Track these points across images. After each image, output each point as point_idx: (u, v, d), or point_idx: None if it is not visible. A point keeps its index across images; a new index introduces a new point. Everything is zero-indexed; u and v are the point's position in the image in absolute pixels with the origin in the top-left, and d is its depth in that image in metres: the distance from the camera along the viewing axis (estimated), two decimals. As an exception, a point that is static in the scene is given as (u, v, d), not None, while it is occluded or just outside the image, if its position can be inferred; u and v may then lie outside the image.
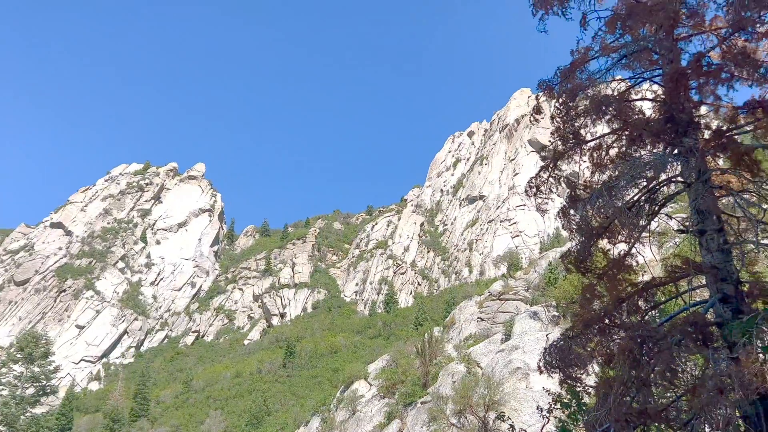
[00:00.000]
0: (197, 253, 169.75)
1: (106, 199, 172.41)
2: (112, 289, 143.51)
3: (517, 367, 33.24)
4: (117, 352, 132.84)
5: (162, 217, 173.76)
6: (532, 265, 70.43)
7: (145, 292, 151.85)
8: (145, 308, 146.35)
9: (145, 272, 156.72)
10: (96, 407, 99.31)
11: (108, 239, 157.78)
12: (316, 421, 52.06)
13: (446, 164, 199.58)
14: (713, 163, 9.52)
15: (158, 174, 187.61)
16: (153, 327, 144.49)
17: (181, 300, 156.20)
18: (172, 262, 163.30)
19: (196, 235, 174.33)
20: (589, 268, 10.79)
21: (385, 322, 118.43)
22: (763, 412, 7.92)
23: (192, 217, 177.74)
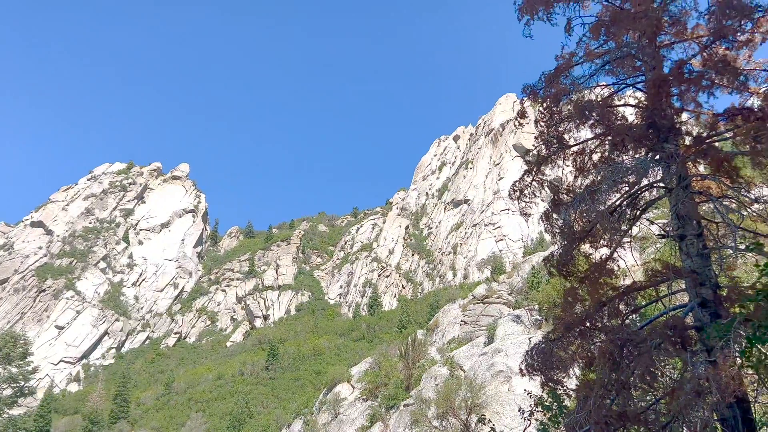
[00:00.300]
0: (180, 253, 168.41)
1: (88, 198, 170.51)
2: (93, 290, 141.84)
3: (499, 371, 33.36)
4: (97, 353, 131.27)
5: (145, 217, 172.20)
6: (515, 269, 70.78)
7: (127, 293, 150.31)
8: (126, 309, 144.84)
9: (127, 273, 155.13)
10: (75, 409, 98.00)
11: (90, 239, 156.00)
12: (299, 423, 51.84)
13: (432, 168, 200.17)
14: (694, 169, 9.64)
15: (142, 174, 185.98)
16: (134, 328, 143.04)
17: (164, 301, 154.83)
18: (155, 262, 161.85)
19: (179, 235, 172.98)
20: (571, 271, 10.87)
21: (369, 324, 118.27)
22: (740, 416, 8.02)
23: (175, 217, 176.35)
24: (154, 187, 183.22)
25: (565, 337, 9.97)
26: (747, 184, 8.53)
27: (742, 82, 8.66)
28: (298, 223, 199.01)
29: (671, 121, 9.27)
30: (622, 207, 10.35)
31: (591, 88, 10.68)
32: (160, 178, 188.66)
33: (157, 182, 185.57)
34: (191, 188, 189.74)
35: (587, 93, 11.25)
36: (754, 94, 9.43)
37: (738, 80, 8.67)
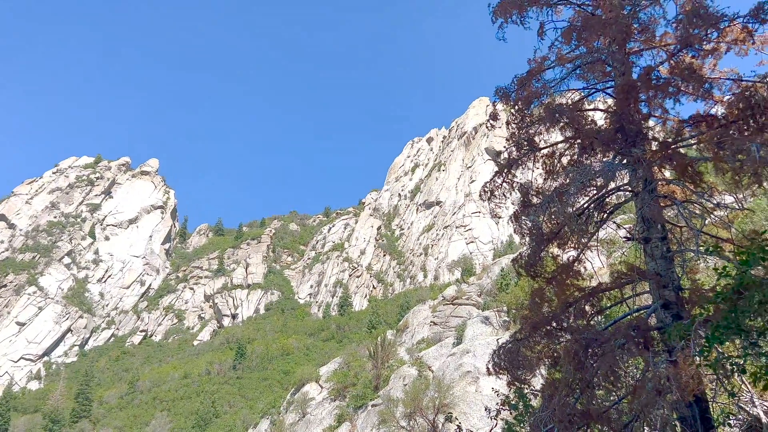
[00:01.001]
0: (148, 250, 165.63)
1: (53, 192, 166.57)
2: (57, 285, 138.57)
3: (467, 371, 33.59)
4: (59, 350, 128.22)
5: (112, 212, 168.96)
6: (485, 270, 71.40)
7: (92, 290, 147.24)
8: (91, 306, 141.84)
9: (93, 269, 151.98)
10: (35, 407, 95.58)
11: (54, 234, 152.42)
12: (265, 423, 51.42)
13: (405, 169, 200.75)
14: (659, 173, 9.86)
15: (110, 168, 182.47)
16: (99, 325, 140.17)
17: (130, 298, 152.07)
18: (121, 259, 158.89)
19: (147, 232, 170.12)
20: (538, 272, 11.00)
21: (338, 324, 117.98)
22: (699, 414, 8.22)
23: (143, 213, 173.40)
24: (122, 182, 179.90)
25: (532, 337, 10.10)
26: (710, 189, 8.76)
27: (707, 90, 8.89)
28: (269, 222, 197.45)
29: (639, 126, 9.47)
30: (590, 210, 10.52)
31: (562, 92, 10.83)
32: (129, 173, 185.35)
33: (126, 177, 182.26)
34: (160, 184, 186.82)
35: (558, 97, 11.42)
36: (719, 102, 9.69)
37: (703, 88, 8.89)
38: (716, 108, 9.59)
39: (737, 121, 8.27)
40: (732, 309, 5.88)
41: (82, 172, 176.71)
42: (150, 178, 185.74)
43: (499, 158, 12.34)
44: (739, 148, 7.37)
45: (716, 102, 9.61)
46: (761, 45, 9.37)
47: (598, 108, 10.90)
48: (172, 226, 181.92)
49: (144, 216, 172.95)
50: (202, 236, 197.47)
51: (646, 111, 9.92)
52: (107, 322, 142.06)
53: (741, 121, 8.23)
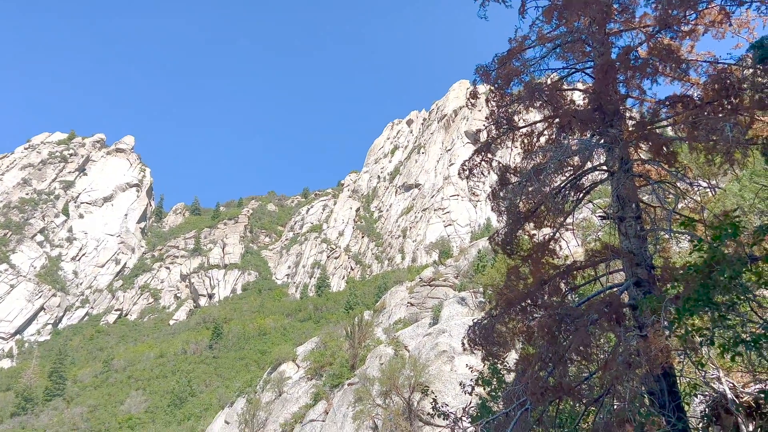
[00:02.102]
0: (123, 229, 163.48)
1: (25, 168, 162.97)
2: (29, 263, 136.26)
3: (443, 351, 33.96)
4: (32, 328, 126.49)
5: (86, 189, 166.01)
6: (462, 253, 71.94)
7: (65, 268, 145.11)
8: (64, 284, 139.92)
9: (66, 247, 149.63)
10: (7, 386, 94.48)
11: (26, 211, 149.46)
12: (241, 402, 51.45)
13: (384, 151, 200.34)
14: (635, 154, 9.98)
15: (84, 145, 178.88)
16: (72, 304, 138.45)
17: (104, 277, 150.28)
18: (96, 237, 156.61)
19: (123, 210, 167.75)
20: (514, 250, 11.12)
21: (316, 305, 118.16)
22: (667, 389, 8.44)
23: (118, 191, 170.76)
24: (96, 159, 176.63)
25: (507, 314, 10.23)
26: (684, 169, 8.90)
27: (683, 71, 8.99)
28: (246, 202, 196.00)
29: (616, 106, 9.55)
30: (566, 189, 10.63)
31: (542, 70, 10.86)
32: (104, 150, 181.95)
33: (100, 154, 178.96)
34: (136, 162, 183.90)
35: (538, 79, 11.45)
36: (695, 84, 9.81)
37: (680, 69, 8.99)
38: (692, 90, 9.72)
39: (712, 102, 8.39)
40: (703, 283, 6.02)
41: (55, 149, 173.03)
42: (125, 155, 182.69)
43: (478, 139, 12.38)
44: (713, 128, 7.49)
45: (692, 84, 9.73)
46: (738, 28, 9.48)
47: (577, 88, 10.97)
48: (147, 204, 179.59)
49: (119, 194, 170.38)
50: (179, 215, 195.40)
51: (624, 91, 10.01)
52: (81, 301, 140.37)
53: (716, 102, 8.35)
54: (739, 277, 5.84)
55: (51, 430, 74.51)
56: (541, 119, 10.92)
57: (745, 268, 5.87)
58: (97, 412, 79.63)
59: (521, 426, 8.44)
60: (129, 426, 73.42)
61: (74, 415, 78.37)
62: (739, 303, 6.13)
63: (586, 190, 10.71)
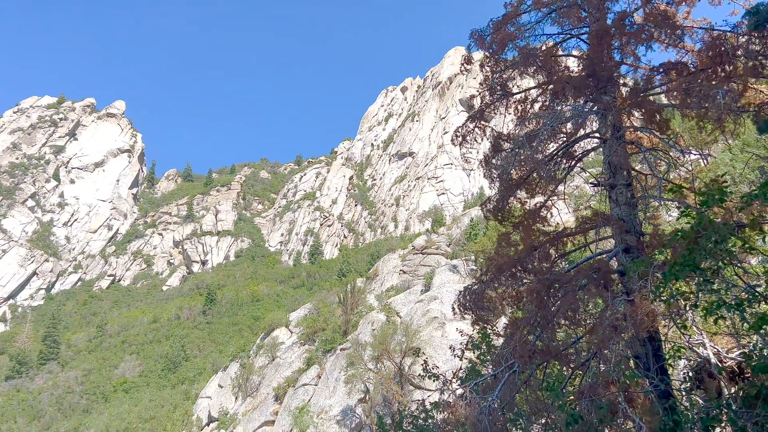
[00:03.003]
0: (115, 194, 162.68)
1: (14, 132, 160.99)
2: (21, 228, 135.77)
3: (434, 317, 34.39)
4: (25, 293, 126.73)
5: (77, 155, 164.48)
6: (455, 221, 72.23)
7: (57, 233, 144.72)
8: (56, 250, 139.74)
9: (58, 212, 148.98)
10: (1, 349, 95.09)
11: (16, 175, 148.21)
12: (235, 366, 52.08)
13: (378, 118, 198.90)
14: (628, 121, 9.98)
15: (74, 109, 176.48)
16: (65, 269, 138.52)
17: (97, 243, 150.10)
18: (88, 202, 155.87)
19: (114, 176, 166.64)
20: (506, 217, 11.18)
21: (309, 272, 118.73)
22: (652, 353, 8.62)
23: (110, 156, 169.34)
24: (87, 123, 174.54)
25: (497, 279, 10.34)
26: (676, 136, 8.92)
27: (679, 37, 8.93)
28: (239, 169, 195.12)
29: (610, 72, 9.51)
30: (558, 156, 10.64)
31: (536, 36, 10.76)
32: (94, 114, 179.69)
33: (91, 119, 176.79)
34: (127, 127, 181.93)
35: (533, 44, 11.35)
36: (690, 51, 9.76)
37: (675, 35, 8.94)
38: (687, 57, 9.67)
39: (706, 69, 8.37)
40: (689, 248, 6.11)
41: (45, 113, 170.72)
42: (116, 120, 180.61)
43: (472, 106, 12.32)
44: (705, 95, 7.49)
45: (687, 51, 9.67)
46: (734, -6, 9.40)
47: (572, 54, 10.89)
48: (139, 170, 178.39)
49: (110, 159, 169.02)
50: (171, 182, 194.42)
51: (619, 58, 9.96)
52: (74, 266, 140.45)
53: (710, 70, 8.33)
54: (724, 243, 5.93)
55: (46, 392, 75.33)
56: (535, 86, 10.87)
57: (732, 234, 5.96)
58: (92, 375, 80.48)
59: (509, 388, 8.63)
60: (124, 390, 74.32)
61: (69, 378, 79.20)
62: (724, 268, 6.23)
63: (578, 158, 10.73)
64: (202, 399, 52.07)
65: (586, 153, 10.57)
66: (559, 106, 9.96)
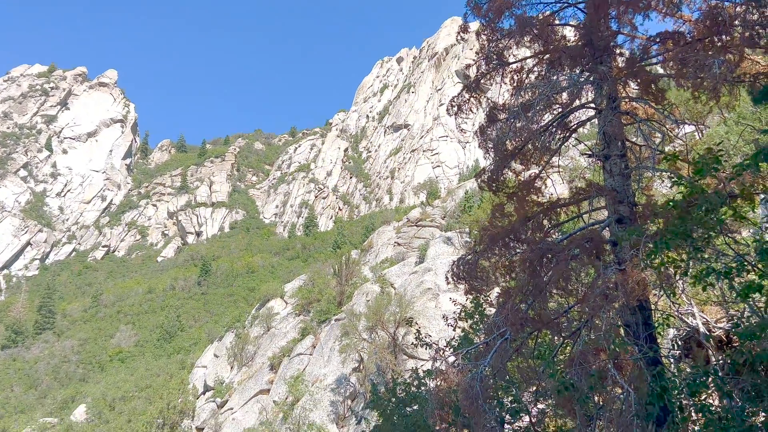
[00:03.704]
0: (108, 165, 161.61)
1: (5, 101, 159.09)
2: (14, 198, 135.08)
3: (428, 288, 34.66)
4: (20, 263, 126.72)
5: (69, 124, 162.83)
6: (449, 194, 72.29)
7: (51, 204, 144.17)
8: (50, 220, 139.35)
9: (51, 182, 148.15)
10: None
11: (8, 145, 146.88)
12: (230, 336, 52.51)
13: (373, 90, 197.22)
14: (624, 91, 9.94)
15: (65, 78, 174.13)
16: (59, 240, 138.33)
17: (91, 213, 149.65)
18: (81, 173, 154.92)
19: (107, 146, 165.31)
20: (500, 187, 11.19)
21: (304, 244, 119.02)
22: (642, 321, 8.74)
23: (102, 126, 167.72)
24: (78, 93, 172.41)
25: (490, 249, 10.40)
26: (671, 107, 8.91)
27: (676, 6, 8.85)
28: (233, 140, 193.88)
29: (607, 42, 9.44)
30: (554, 127, 10.62)
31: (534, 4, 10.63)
32: (86, 84, 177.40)
33: (82, 88, 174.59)
34: (119, 97, 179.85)
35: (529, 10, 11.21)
36: (687, 21, 9.68)
37: (673, 4, 8.85)
38: (684, 27, 9.60)
39: (703, 39, 8.32)
40: (681, 217, 6.15)
41: (36, 81, 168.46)
42: (108, 90, 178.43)
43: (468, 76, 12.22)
44: (701, 65, 7.47)
45: (685, 21, 9.59)
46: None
47: (569, 23, 10.79)
48: (132, 140, 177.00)
49: (103, 129, 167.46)
50: (164, 152, 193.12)
51: (616, 27, 9.87)
52: (68, 237, 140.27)
53: (706, 40, 8.28)
54: (715, 212, 5.97)
55: (42, 361, 75.92)
56: (532, 55, 10.78)
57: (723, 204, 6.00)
58: (88, 345, 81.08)
59: (500, 355, 8.76)
60: (119, 359, 74.98)
61: (65, 347, 79.79)
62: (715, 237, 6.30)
63: (573, 128, 10.71)
64: (198, 368, 52.60)
65: (582, 123, 10.55)
66: (555, 75, 9.90)
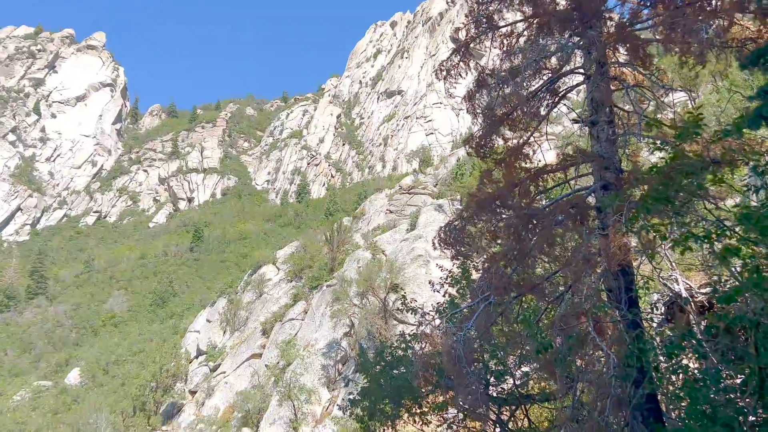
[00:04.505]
0: (98, 130, 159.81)
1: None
2: (3, 163, 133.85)
3: (419, 255, 34.89)
4: (10, 228, 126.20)
5: (57, 88, 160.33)
6: (442, 161, 72.19)
7: (41, 168, 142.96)
8: (40, 185, 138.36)
9: (40, 147, 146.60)
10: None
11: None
12: (223, 302, 52.91)
13: (366, 55, 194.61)
14: (613, 57, 9.87)
15: (52, 40, 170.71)
16: (50, 205, 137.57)
17: (81, 179, 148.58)
18: (71, 138, 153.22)
19: (97, 110, 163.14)
20: (488, 153, 11.18)
21: (296, 211, 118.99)
22: (624, 286, 8.85)
23: (91, 90, 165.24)
24: (66, 56, 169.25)
25: (478, 215, 10.44)
26: (660, 72, 8.87)
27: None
28: (224, 105, 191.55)
29: (597, 6, 9.32)
30: (543, 92, 10.56)
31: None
32: (74, 46, 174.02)
33: (70, 51, 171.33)
34: (108, 60, 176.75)
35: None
36: (679, -14, 9.56)
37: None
38: (676, -8, 9.48)
39: (693, 3, 8.22)
40: (662, 182, 6.18)
41: (22, 44, 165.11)
42: (97, 53, 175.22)
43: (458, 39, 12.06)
44: (689, 30, 7.40)
45: (677, -15, 9.48)
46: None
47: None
48: (122, 105, 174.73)
49: (92, 93, 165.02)
50: (155, 117, 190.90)
51: (607, -10, 9.74)
52: (59, 202, 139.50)
53: (697, 4, 8.19)
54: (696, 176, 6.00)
55: (36, 326, 76.32)
56: (522, 19, 10.65)
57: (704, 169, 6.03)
58: (80, 310, 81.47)
59: (484, 319, 8.88)
60: (112, 324, 75.49)
61: (58, 312, 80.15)
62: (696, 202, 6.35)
63: (562, 94, 10.66)
64: (191, 333, 53.09)
65: (571, 89, 10.50)
66: (544, 40, 9.81)
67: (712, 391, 6.30)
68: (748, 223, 5.28)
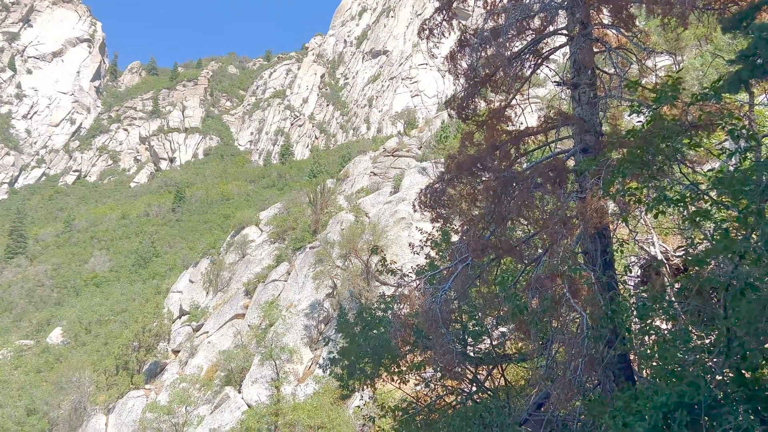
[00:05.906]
0: (76, 87, 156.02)
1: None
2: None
3: (401, 218, 34.97)
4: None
5: (33, 43, 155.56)
6: (427, 124, 71.76)
7: (17, 126, 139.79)
8: (17, 143, 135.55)
9: (16, 104, 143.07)
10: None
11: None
12: (205, 262, 52.82)
13: (351, 13, 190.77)
14: (597, 18, 9.74)
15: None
16: (28, 164, 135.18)
17: (59, 137, 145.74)
18: (47, 94, 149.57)
19: (74, 67, 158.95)
20: (470, 115, 11.08)
21: (279, 172, 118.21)
22: (600, 249, 8.94)
23: (68, 46, 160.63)
24: (41, 9, 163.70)
25: (458, 177, 10.42)
26: (642, 34, 8.78)
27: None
28: (206, 63, 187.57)
29: (582, -36, 9.16)
30: (525, 53, 10.43)
31: None
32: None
33: (45, 4, 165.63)
34: (85, 14, 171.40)
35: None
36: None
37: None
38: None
39: (679, -37, 8.10)
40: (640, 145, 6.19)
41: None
42: (73, 6, 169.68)
43: None
44: (673, -9, 7.31)
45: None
46: None
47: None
48: (101, 62, 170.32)
49: (69, 49, 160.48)
50: (135, 75, 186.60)
51: (593, -51, 9.55)
52: (37, 161, 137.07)
53: (682, -36, 8.07)
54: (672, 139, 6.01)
55: (16, 285, 75.82)
56: (506, -22, 10.43)
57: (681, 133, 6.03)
58: (61, 270, 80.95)
59: (462, 280, 8.95)
60: (94, 284, 75.21)
61: (38, 272, 79.59)
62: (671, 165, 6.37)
63: (545, 56, 10.55)
64: (173, 293, 53.10)
65: (553, 51, 10.38)
66: None
67: (681, 350, 6.44)
68: (722, 187, 5.32)
